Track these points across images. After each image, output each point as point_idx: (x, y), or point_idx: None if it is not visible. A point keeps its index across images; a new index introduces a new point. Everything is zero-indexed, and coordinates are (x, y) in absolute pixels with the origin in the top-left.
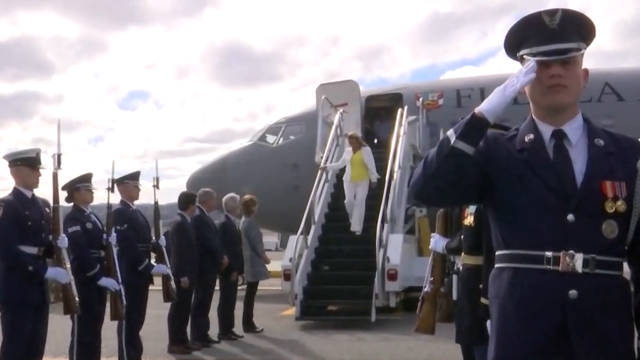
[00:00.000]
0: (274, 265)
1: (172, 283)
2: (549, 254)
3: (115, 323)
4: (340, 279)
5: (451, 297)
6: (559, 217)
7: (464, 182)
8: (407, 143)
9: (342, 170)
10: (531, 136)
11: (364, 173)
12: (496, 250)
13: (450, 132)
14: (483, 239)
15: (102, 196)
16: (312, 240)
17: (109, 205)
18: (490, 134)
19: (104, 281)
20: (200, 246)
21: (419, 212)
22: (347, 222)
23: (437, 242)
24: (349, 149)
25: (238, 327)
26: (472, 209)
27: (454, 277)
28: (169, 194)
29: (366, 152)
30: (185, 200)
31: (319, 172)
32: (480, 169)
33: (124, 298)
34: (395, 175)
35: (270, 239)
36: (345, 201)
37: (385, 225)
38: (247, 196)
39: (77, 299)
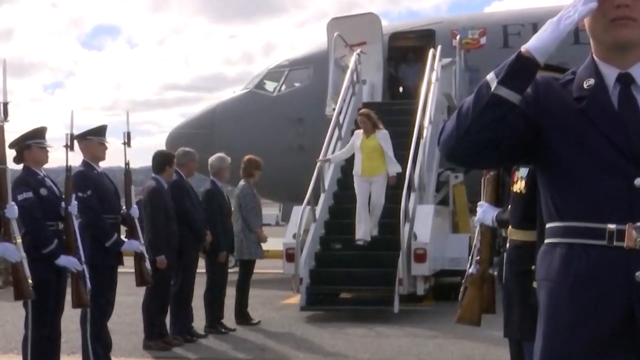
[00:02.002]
0: (275, 244)
1: (147, 263)
2: (611, 226)
3: (78, 312)
4: (355, 260)
5: (494, 282)
6: (625, 182)
7: (507, 138)
8: (440, 92)
9: (350, 163)
10: (591, 81)
11: (380, 165)
12: (547, 222)
13: (491, 76)
14: (537, 210)
15: (60, 156)
16: (321, 212)
17: (69, 167)
18: (540, 79)
19: (64, 260)
20: (180, 218)
21: (454, 178)
22: None
23: (485, 212)
24: (358, 132)
25: (229, 319)
26: (523, 172)
27: (506, 256)
28: (144, 154)
29: (382, 136)
30: (161, 161)
31: (319, 163)
32: (528, 121)
33: (88, 281)
34: (424, 132)
35: (269, 211)
36: (358, 203)
37: (412, 194)
38: (250, 156)
39: (30, 281)
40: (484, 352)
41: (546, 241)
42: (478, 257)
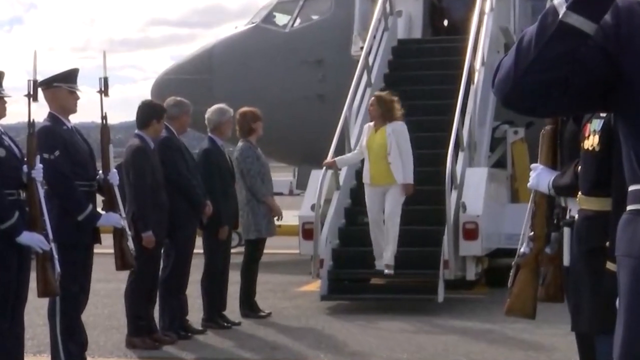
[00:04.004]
0: (288, 217)
1: (130, 242)
2: None
3: (46, 302)
4: None
5: (561, 263)
6: None
7: (578, 78)
8: (496, 26)
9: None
10: None
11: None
12: (630, 184)
13: (558, 0)
14: (613, 171)
15: (21, 109)
16: (345, 177)
17: (32, 122)
18: (622, 3)
19: (26, 237)
20: (171, 185)
21: (512, 134)
22: None
23: (540, 176)
24: (369, 125)
25: (232, 310)
26: (596, 124)
27: (566, 231)
28: (125, 107)
29: (394, 130)
30: (147, 113)
31: (342, 119)
32: (605, 57)
33: (57, 264)
34: (476, 76)
35: (281, 176)
36: (369, 218)
37: (460, 155)
38: (244, 108)
39: None
40: (549, 350)
41: (629, 208)
42: (532, 234)
